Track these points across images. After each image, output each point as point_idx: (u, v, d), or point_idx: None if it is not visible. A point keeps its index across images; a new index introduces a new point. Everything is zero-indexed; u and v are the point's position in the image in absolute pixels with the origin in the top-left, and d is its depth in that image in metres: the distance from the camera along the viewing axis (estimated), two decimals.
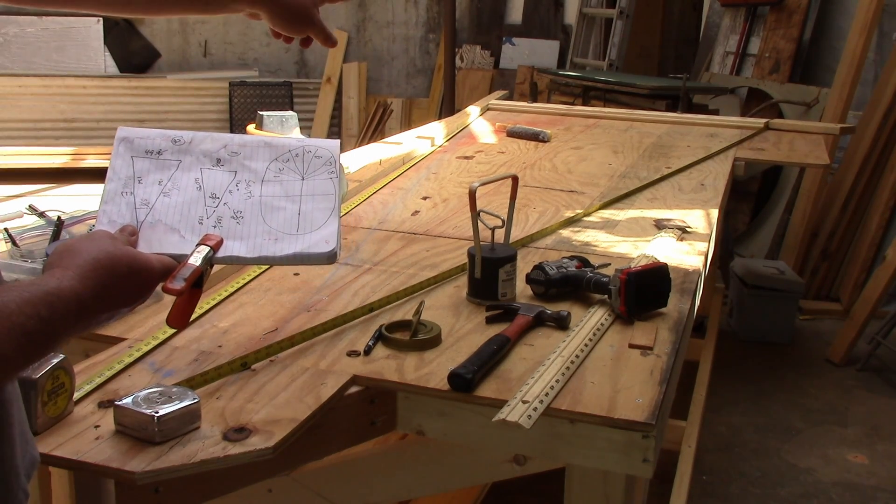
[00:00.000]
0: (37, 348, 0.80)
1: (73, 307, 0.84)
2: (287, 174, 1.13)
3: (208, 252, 1.04)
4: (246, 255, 1.08)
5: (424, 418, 1.17)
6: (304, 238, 1.09)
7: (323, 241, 1.09)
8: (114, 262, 0.91)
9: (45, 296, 0.81)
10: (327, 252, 1.09)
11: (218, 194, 1.11)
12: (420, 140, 2.85)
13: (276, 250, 1.08)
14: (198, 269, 1.02)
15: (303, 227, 1.10)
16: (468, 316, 1.39)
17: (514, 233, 1.61)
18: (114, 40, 6.86)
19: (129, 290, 0.93)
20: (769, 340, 4.13)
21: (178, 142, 1.13)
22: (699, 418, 2.93)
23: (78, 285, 0.86)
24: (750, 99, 5.20)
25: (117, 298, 0.92)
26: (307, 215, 1.11)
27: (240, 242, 1.08)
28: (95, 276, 0.88)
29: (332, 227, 1.10)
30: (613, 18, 5.78)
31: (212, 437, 0.99)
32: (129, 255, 0.94)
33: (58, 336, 0.83)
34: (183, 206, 1.09)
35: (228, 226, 1.09)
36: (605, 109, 4.01)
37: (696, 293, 1.57)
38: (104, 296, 0.89)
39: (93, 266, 0.89)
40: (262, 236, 1.09)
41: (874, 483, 2.95)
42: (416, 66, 7.34)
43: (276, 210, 1.10)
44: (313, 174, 1.14)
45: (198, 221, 1.09)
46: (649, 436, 1.06)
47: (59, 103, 6.44)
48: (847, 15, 4.88)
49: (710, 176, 2.50)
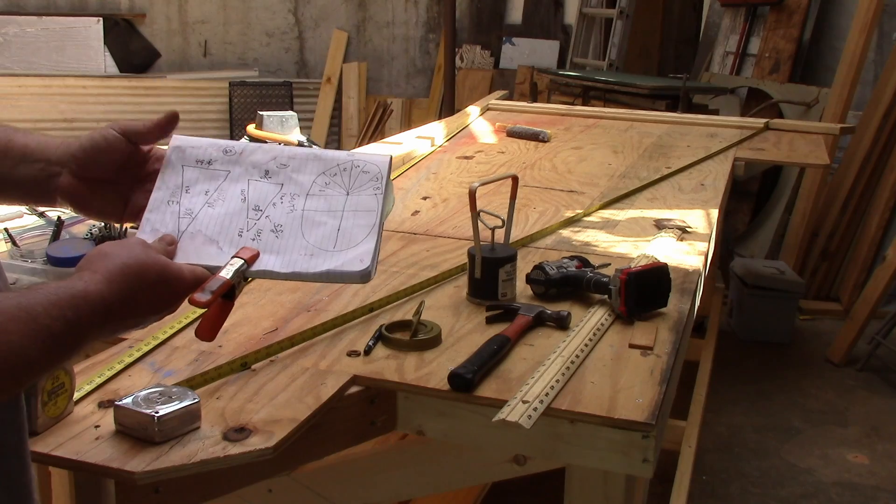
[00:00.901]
0: (62, 351, 0.80)
1: (100, 311, 0.84)
2: (332, 188, 1.10)
3: (241, 265, 1.03)
4: (279, 270, 1.06)
5: (424, 418, 1.17)
6: (339, 255, 1.06)
7: (357, 260, 1.06)
8: (143, 269, 0.91)
9: (71, 299, 0.81)
10: (360, 271, 1.05)
11: (261, 206, 1.09)
12: (420, 140, 2.85)
13: (310, 266, 1.06)
14: (227, 282, 1.00)
15: (340, 243, 1.07)
16: (468, 316, 1.39)
17: (514, 233, 1.61)
18: (114, 40, 6.86)
19: (157, 299, 0.92)
20: (769, 340, 4.12)
21: (229, 152, 1.11)
22: (699, 418, 2.93)
23: (105, 290, 0.85)
24: (750, 99, 5.20)
25: (144, 306, 0.91)
26: (346, 232, 1.08)
27: (275, 257, 1.06)
28: (124, 281, 0.88)
29: (368, 244, 1.07)
30: (613, 18, 5.79)
31: (212, 437, 0.99)
32: (160, 264, 0.93)
33: (83, 339, 0.82)
34: (225, 217, 1.08)
35: (267, 239, 1.07)
36: (605, 109, 4.01)
37: (696, 293, 1.57)
38: (131, 302, 0.88)
39: (121, 271, 0.88)
40: (299, 251, 1.06)
41: (874, 483, 2.95)
42: (416, 66, 7.34)
43: (316, 225, 1.08)
44: (358, 189, 1.10)
45: (237, 234, 1.07)
46: (649, 436, 1.06)
47: (59, 103, 6.44)
48: (847, 15, 4.88)
49: (710, 176, 2.50)
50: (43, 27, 6.69)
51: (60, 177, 1.00)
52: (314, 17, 7.27)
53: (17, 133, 1.01)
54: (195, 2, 7.12)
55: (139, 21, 7.01)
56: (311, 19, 7.27)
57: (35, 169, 0.99)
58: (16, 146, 0.99)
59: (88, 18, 6.77)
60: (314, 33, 7.30)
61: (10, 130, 1.01)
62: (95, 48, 6.75)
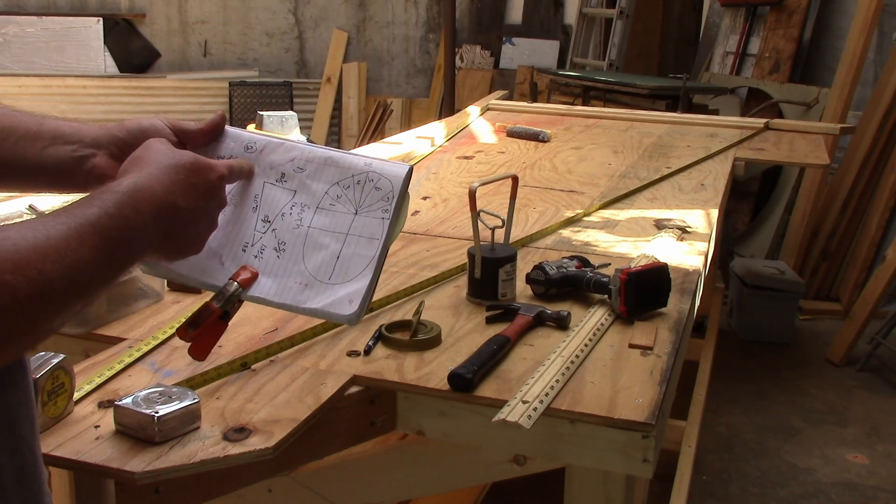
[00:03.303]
0: (118, 256, 0.82)
1: (153, 201, 0.87)
2: (342, 204, 1.07)
3: (235, 290, 1.04)
4: (272, 299, 1.05)
5: (424, 418, 1.17)
6: (332, 291, 1.04)
7: (346, 301, 1.03)
8: (179, 158, 0.93)
9: (123, 195, 0.84)
10: (346, 315, 1.03)
11: (270, 218, 1.07)
12: (420, 140, 2.85)
13: (301, 300, 1.05)
14: (217, 311, 1.03)
15: (337, 274, 1.05)
16: (468, 316, 1.39)
17: (514, 233, 1.61)
18: (114, 40, 6.86)
19: (196, 187, 0.94)
20: (769, 340, 4.12)
21: (250, 149, 1.09)
22: (699, 418, 2.93)
23: (153, 182, 0.89)
24: (750, 99, 5.20)
25: (190, 195, 0.93)
26: (345, 261, 1.05)
27: (272, 281, 1.06)
28: (165, 172, 0.91)
29: (361, 283, 1.04)
30: (613, 18, 5.79)
31: (212, 437, 0.99)
32: (190, 154, 0.96)
33: (137, 238, 0.85)
34: (233, 227, 1.07)
35: (268, 258, 1.06)
36: (605, 109, 4.01)
37: (696, 293, 1.57)
38: (176, 190, 0.91)
39: (160, 164, 0.92)
40: (294, 278, 1.05)
41: (874, 483, 2.95)
42: (416, 66, 7.34)
43: (317, 248, 1.06)
44: (367, 209, 1.06)
45: (241, 248, 1.07)
46: (649, 436, 1.06)
47: (59, 103, 6.44)
48: (847, 15, 4.88)
49: (710, 176, 2.50)
50: (43, 27, 6.69)
51: (95, 158, 1.01)
52: (314, 17, 7.27)
53: (47, 118, 1.03)
54: (195, 2, 7.12)
55: (139, 21, 7.02)
56: (311, 19, 7.27)
57: (67, 150, 1.01)
58: (47, 129, 1.01)
59: (88, 18, 6.77)
60: (314, 33, 7.30)
61: (41, 115, 1.03)
62: (95, 48, 6.76)
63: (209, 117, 1.10)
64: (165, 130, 1.05)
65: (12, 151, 0.99)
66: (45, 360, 0.99)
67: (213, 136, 1.09)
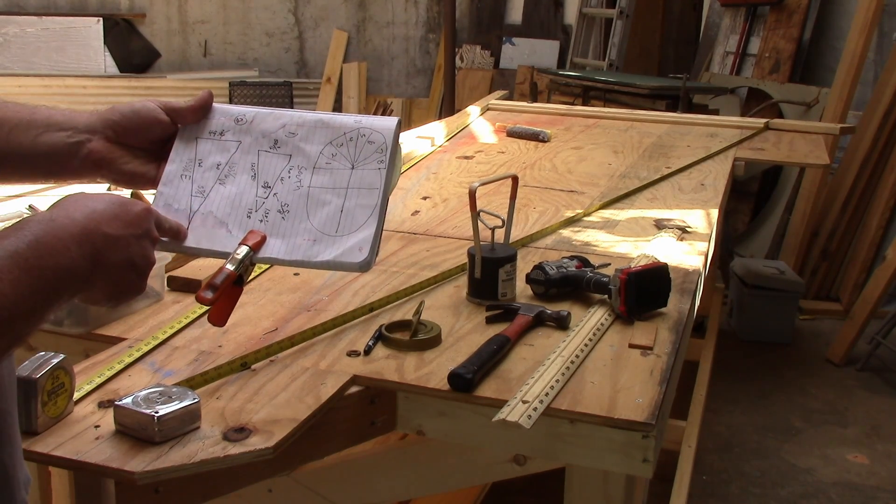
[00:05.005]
0: (41, 288, 0.79)
1: (73, 226, 0.85)
2: (339, 161, 1.09)
3: (247, 253, 1.05)
4: (283, 258, 1.07)
5: (424, 418, 1.17)
6: (340, 241, 1.06)
7: (356, 249, 1.05)
8: (102, 194, 0.92)
9: (42, 223, 0.82)
10: (358, 262, 1.05)
11: (270, 183, 1.09)
12: (420, 140, 2.85)
13: (312, 254, 1.06)
14: (232, 274, 1.04)
15: (343, 227, 1.07)
16: (468, 316, 1.39)
17: (514, 233, 1.61)
18: (114, 40, 6.86)
19: (119, 218, 0.91)
20: (769, 340, 4.12)
21: (241, 121, 1.12)
22: (699, 418, 2.93)
23: (73, 212, 0.87)
24: (750, 99, 5.20)
25: (112, 222, 0.89)
26: (349, 213, 1.07)
27: (280, 241, 1.07)
28: (88, 204, 0.89)
29: (368, 231, 1.06)
30: (613, 18, 5.78)
31: (212, 437, 0.99)
32: (119, 197, 0.93)
33: (61, 266, 0.82)
34: (235, 196, 1.09)
35: (274, 220, 1.08)
36: (605, 109, 4.01)
37: (696, 293, 1.57)
38: (98, 218, 0.88)
39: (85, 199, 0.90)
40: (303, 235, 1.07)
41: (874, 483, 2.95)
42: (416, 66, 7.34)
43: (320, 205, 1.08)
44: (363, 163, 1.09)
45: (246, 215, 1.08)
46: (649, 436, 1.06)
47: (59, 103, 6.33)
48: (847, 15, 4.88)
49: (710, 176, 2.50)
50: (43, 27, 6.69)
51: (91, 143, 1.02)
52: (314, 17, 7.27)
53: (38, 107, 1.04)
54: (195, 2, 7.12)
55: (139, 21, 7.02)
56: (311, 19, 7.27)
57: (61, 137, 1.01)
58: (39, 117, 1.02)
59: (88, 18, 6.77)
60: (314, 33, 7.30)
61: (32, 105, 1.04)
62: (95, 48, 6.75)
63: (198, 94, 1.11)
64: (157, 111, 1.06)
65: (6, 141, 0.99)
66: (45, 360, 0.99)
67: (202, 112, 1.11)
